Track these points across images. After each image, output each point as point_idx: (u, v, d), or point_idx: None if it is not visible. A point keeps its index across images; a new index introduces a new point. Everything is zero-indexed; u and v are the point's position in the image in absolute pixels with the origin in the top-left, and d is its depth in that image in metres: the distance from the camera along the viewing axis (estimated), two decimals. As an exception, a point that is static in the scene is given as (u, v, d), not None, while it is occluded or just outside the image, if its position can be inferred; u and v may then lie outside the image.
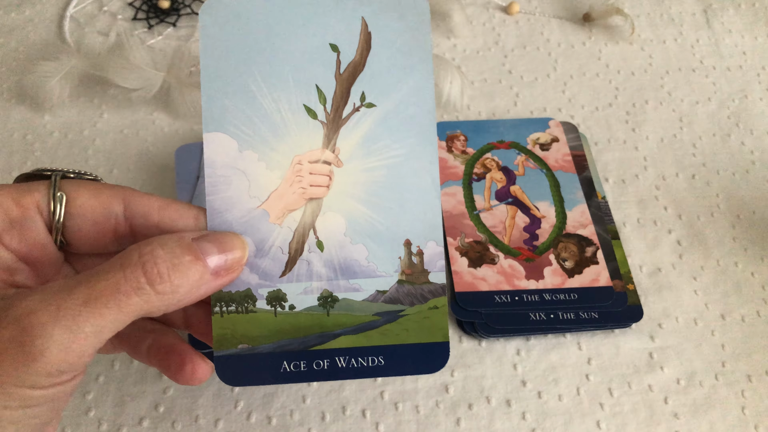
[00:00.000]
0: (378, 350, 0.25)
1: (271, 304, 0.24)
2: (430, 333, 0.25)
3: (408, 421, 0.35)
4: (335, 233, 0.25)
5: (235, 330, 0.24)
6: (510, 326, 0.38)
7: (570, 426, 0.36)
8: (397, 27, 0.25)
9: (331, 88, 0.24)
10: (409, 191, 0.25)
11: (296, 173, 0.24)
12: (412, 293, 0.25)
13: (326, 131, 0.25)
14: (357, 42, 0.24)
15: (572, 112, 0.50)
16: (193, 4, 0.56)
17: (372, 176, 0.25)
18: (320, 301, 0.25)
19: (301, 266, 0.25)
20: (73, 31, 0.54)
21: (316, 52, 0.24)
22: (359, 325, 0.25)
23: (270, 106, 0.24)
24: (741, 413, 0.36)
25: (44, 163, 0.45)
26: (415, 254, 0.25)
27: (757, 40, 0.56)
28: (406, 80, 0.25)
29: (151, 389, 0.36)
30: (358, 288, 0.25)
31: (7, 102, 0.49)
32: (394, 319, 0.25)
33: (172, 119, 0.48)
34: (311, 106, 0.24)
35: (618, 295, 0.39)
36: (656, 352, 0.38)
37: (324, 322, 0.24)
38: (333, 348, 0.24)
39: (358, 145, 0.25)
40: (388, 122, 0.25)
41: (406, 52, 0.25)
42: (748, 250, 0.43)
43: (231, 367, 0.24)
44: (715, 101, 0.51)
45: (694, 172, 0.47)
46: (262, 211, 0.24)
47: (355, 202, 0.25)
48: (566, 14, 0.57)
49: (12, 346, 0.19)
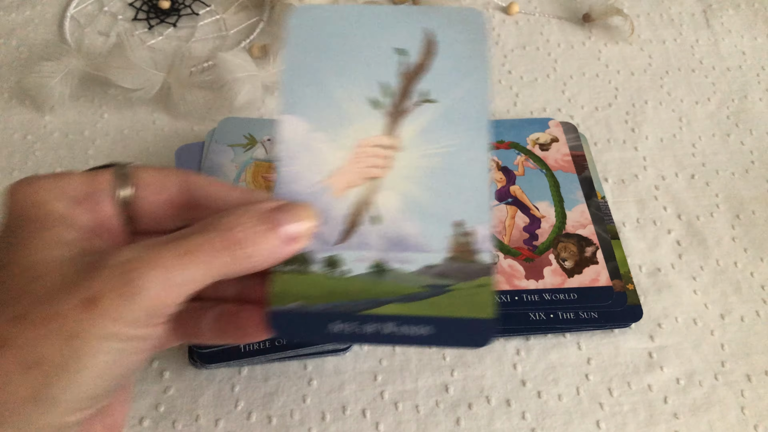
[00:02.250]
0: (425, 320, 0.26)
1: (326, 268, 0.26)
2: (476, 309, 0.26)
3: (408, 421, 0.35)
4: (390, 210, 0.27)
5: (292, 288, 0.26)
6: (510, 326, 0.38)
7: (570, 426, 0.36)
8: (459, 38, 0.29)
9: (395, 85, 0.28)
10: (462, 178, 0.27)
11: (358, 155, 0.27)
12: (460, 270, 0.27)
13: (388, 121, 0.28)
14: (421, 48, 0.29)
15: (572, 112, 0.50)
16: (194, 4, 0.56)
17: (428, 162, 0.28)
18: (372, 269, 0.26)
19: (357, 237, 0.27)
20: (74, 31, 0.54)
21: (384, 55, 0.28)
22: (408, 294, 0.26)
23: (340, 96, 0.28)
24: (740, 413, 0.36)
25: (45, 163, 0.45)
26: (464, 235, 0.27)
27: (756, 41, 0.56)
28: (464, 82, 0.28)
29: (151, 389, 0.36)
30: (409, 261, 0.27)
31: (7, 102, 0.49)
32: (442, 293, 0.26)
33: (173, 119, 0.48)
34: (376, 99, 0.28)
35: (617, 294, 0.39)
36: (656, 351, 0.38)
37: (374, 289, 0.26)
38: (382, 314, 0.26)
39: (417, 135, 0.28)
40: (447, 117, 0.28)
41: (465, 59, 0.28)
42: (748, 250, 0.43)
43: (285, 321, 0.25)
44: (715, 101, 0.51)
45: (694, 172, 0.47)
46: (325, 185, 0.27)
47: (411, 184, 0.27)
48: (566, 14, 0.57)
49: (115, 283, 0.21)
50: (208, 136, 0.44)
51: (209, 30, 0.54)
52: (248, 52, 0.51)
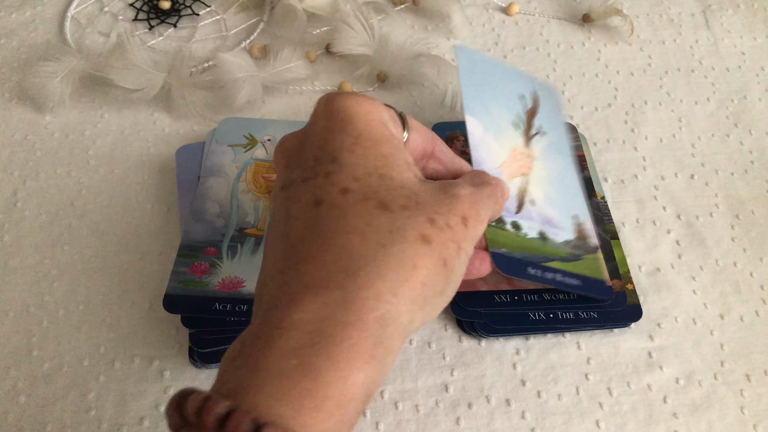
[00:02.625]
0: (574, 276, 0.37)
1: (513, 229, 0.36)
2: (598, 272, 0.38)
3: (408, 421, 0.35)
4: (538, 198, 0.38)
5: (498, 238, 0.35)
6: (510, 326, 0.38)
7: (569, 425, 0.36)
8: (548, 100, 0.43)
9: (524, 117, 0.40)
10: (569, 186, 0.40)
11: (514, 156, 0.38)
12: (583, 246, 0.38)
13: (524, 139, 0.39)
14: (532, 98, 0.42)
15: (571, 113, 0.50)
16: (194, 4, 0.56)
17: (549, 172, 0.39)
18: (539, 235, 0.37)
19: (526, 210, 0.37)
20: (74, 31, 0.54)
21: (516, 97, 0.41)
22: (563, 256, 0.37)
23: (496, 114, 0.39)
24: (740, 413, 0.36)
25: (45, 163, 0.46)
26: (579, 224, 0.39)
27: (756, 41, 0.56)
28: (557, 126, 0.42)
29: (151, 388, 0.36)
30: (557, 234, 0.37)
31: (8, 102, 0.49)
32: (578, 259, 0.37)
33: (173, 120, 0.48)
34: (516, 123, 0.40)
35: (617, 295, 0.39)
36: (655, 351, 0.39)
37: (543, 248, 0.36)
38: (553, 267, 0.36)
39: (541, 152, 0.40)
40: (553, 144, 0.41)
41: (552, 114, 0.43)
42: (747, 250, 0.43)
43: (501, 260, 0.34)
44: (714, 101, 0.51)
45: (693, 172, 0.47)
46: (500, 171, 0.37)
47: (545, 183, 0.39)
48: (565, 15, 0.57)
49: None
50: (208, 136, 0.45)
51: (209, 30, 0.55)
52: (248, 52, 0.51)
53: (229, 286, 0.37)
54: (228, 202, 0.41)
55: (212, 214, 0.41)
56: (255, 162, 0.43)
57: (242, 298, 0.37)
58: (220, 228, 0.40)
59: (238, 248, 0.39)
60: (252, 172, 0.43)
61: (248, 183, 0.42)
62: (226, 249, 0.39)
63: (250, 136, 0.45)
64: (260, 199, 0.42)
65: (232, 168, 0.43)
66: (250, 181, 0.42)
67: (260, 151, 0.44)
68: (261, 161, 0.44)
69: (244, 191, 0.42)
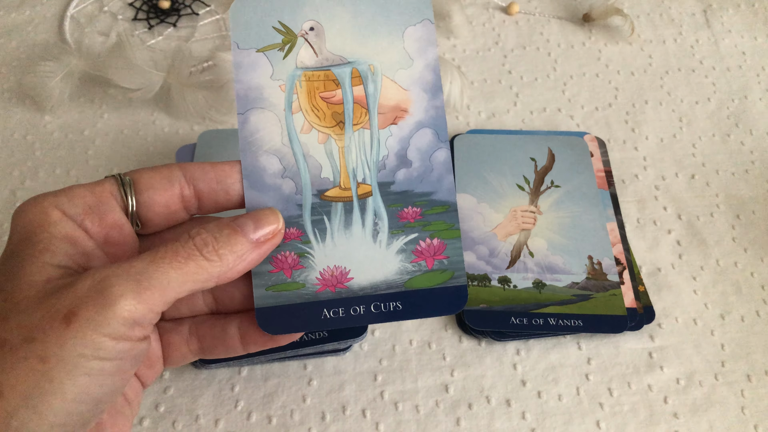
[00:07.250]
0: (577, 317, 0.38)
1: (500, 284, 0.39)
2: (612, 309, 0.38)
3: (408, 421, 0.35)
4: (541, 248, 0.41)
5: (478, 296, 0.38)
6: (516, 331, 0.37)
7: (570, 426, 0.36)
8: (569, 153, 0.45)
9: (532, 177, 0.43)
10: (586, 230, 0.41)
11: (513, 216, 0.42)
12: (596, 285, 0.39)
13: (530, 197, 0.43)
14: (546, 157, 0.45)
15: (572, 113, 0.50)
16: (194, 4, 0.56)
17: (562, 221, 0.42)
18: (534, 284, 0.39)
19: (520, 264, 0.40)
20: (74, 31, 0.54)
21: (523, 161, 0.44)
22: (562, 300, 0.38)
23: (495, 183, 0.43)
24: (740, 413, 0.36)
25: (45, 163, 0.46)
26: (596, 263, 0.40)
27: (756, 41, 0.56)
28: (576, 177, 0.44)
29: (151, 389, 0.36)
30: (559, 280, 0.39)
31: (7, 102, 0.49)
32: (586, 299, 0.38)
33: (173, 119, 0.48)
34: (522, 184, 0.43)
35: (630, 311, 0.38)
36: (656, 352, 0.38)
37: (537, 297, 0.38)
38: (545, 312, 0.38)
39: (551, 205, 0.42)
40: (569, 195, 0.43)
41: (574, 164, 0.45)
42: (748, 250, 0.43)
43: (475, 317, 0.37)
44: (715, 101, 0.51)
45: (694, 172, 0.47)
46: (493, 233, 0.41)
47: (552, 233, 0.41)
48: (566, 14, 0.57)
49: (91, 294, 0.21)
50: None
51: (209, 30, 0.54)
52: (248, 52, 0.51)
53: (332, 283, 0.28)
54: (289, 151, 0.28)
55: (273, 175, 0.28)
56: (303, 73, 0.29)
57: (354, 296, 0.28)
58: (290, 195, 0.28)
59: (325, 223, 0.28)
60: (305, 93, 0.29)
61: (305, 113, 0.29)
62: (311, 227, 0.28)
63: (284, 27, 0.29)
64: (330, 138, 0.29)
65: (276, 90, 0.28)
66: (307, 109, 0.29)
67: (305, 52, 0.29)
68: (311, 70, 0.29)
69: (303, 129, 0.28)
